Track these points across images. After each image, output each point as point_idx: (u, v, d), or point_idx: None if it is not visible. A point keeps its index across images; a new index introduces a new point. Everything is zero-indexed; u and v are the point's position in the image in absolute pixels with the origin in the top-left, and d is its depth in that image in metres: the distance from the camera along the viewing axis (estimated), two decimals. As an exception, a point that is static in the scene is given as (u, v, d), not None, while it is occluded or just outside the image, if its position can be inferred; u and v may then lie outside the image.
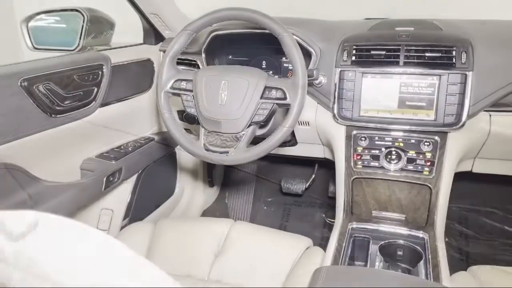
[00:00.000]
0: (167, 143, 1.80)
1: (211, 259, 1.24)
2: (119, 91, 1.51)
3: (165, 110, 1.27)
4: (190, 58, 1.55)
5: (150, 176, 1.71)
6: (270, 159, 1.19)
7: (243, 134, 1.19)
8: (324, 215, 2.14)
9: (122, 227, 1.58)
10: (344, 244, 1.13)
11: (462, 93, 1.20)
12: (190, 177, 2.09)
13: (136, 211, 1.65)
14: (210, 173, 2.20)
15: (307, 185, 2.10)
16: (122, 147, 1.57)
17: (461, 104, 1.20)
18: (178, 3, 1.61)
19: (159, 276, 0.34)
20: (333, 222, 2.08)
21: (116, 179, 1.48)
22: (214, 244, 1.29)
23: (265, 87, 1.16)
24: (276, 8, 1.53)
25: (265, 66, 1.56)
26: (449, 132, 1.24)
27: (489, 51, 1.22)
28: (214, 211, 2.22)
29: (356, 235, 1.19)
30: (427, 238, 1.15)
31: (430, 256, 1.07)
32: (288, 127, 1.13)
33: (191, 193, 2.10)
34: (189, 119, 1.70)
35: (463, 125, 1.21)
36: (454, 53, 1.21)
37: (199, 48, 1.51)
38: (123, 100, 1.54)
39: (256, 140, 1.23)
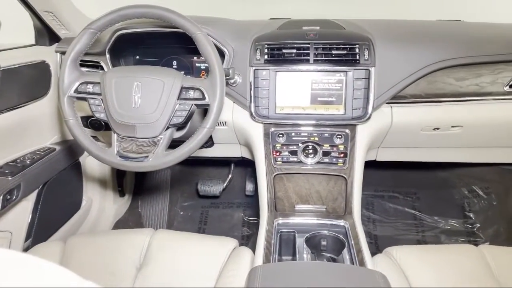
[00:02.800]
0: (70, 153, 1.64)
1: (133, 273, 1.16)
2: (10, 99, 1.33)
3: (70, 117, 1.15)
4: (93, 60, 1.43)
5: (53, 191, 1.55)
6: (184, 162, 1.15)
7: (161, 138, 1.14)
8: (243, 214, 2.14)
9: (24, 250, 1.40)
10: (273, 241, 1.14)
11: (367, 88, 1.29)
12: (98, 188, 1.94)
13: (40, 231, 1.48)
14: (120, 181, 2.06)
15: (224, 185, 2.09)
16: (18, 160, 1.39)
17: (366, 98, 1.29)
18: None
19: None
20: (253, 220, 2.11)
21: (14, 197, 1.30)
22: (134, 256, 1.21)
23: (182, 88, 1.12)
24: (180, 7, 1.49)
25: (176, 66, 1.50)
26: (358, 124, 1.32)
27: (388, 48, 1.33)
28: (127, 221, 2.09)
29: (282, 230, 1.21)
30: (347, 226, 1.21)
31: (353, 243, 1.13)
32: (209, 128, 1.10)
33: (100, 204, 1.95)
34: (95, 125, 1.58)
35: (369, 117, 1.30)
36: (357, 50, 1.29)
37: (103, 48, 1.40)
38: (16, 108, 1.37)
39: (173, 144, 1.18)
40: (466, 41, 1.37)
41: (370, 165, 1.57)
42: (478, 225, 2.00)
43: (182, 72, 1.48)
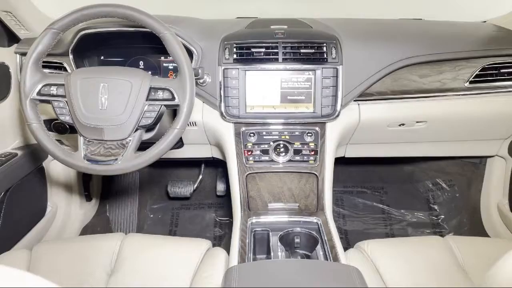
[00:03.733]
0: (33, 158, 1.57)
1: (104, 279, 1.13)
2: (-34, 102, 1.27)
3: (33, 120, 1.10)
4: (55, 61, 1.38)
5: (15, 198, 1.48)
6: (153, 164, 1.12)
7: (130, 140, 1.11)
8: (214, 215, 2.13)
9: (-14, 261, 1.33)
10: (247, 241, 1.14)
11: (335, 86, 1.31)
12: (64, 193, 1.88)
13: (3, 240, 1.41)
14: (86, 186, 2.00)
15: (195, 186, 2.07)
16: (-24, 167, 1.32)
17: (335, 96, 1.31)
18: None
19: None
20: (225, 220, 2.11)
21: (-27, 206, 1.24)
22: (105, 262, 1.17)
23: (151, 88, 1.10)
24: (144, 6, 1.45)
25: (142, 67, 1.47)
26: (327, 122, 1.34)
27: (354, 47, 1.36)
28: (94, 227, 2.03)
29: (256, 229, 1.21)
30: (320, 223, 1.23)
31: (326, 238, 1.14)
32: (179, 129, 1.09)
33: (66, 210, 1.88)
34: (59, 129, 1.52)
35: (338, 115, 1.32)
36: (325, 49, 1.31)
37: (66, 48, 1.36)
38: (-27, 112, 1.30)
39: (142, 146, 1.16)
40: (428, 39, 1.42)
41: (339, 162, 1.59)
42: (443, 216, 2.07)
43: (149, 73, 1.46)
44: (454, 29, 1.52)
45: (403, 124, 1.48)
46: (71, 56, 1.36)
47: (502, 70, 1.41)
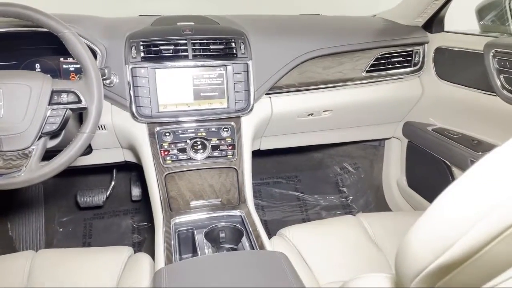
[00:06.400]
0: None
1: (15, 304, 1.03)
2: None
3: None
4: None
5: None
6: (59, 173, 1.05)
7: (33, 149, 1.02)
8: (131, 221, 2.05)
9: None
10: (172, 242, 1.11)
11: (247, 80, 1.34)
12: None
13: None
14: (-21, 205, 1.79)
15: (107, 194, 1.96)
16: None
17: (247, 91, 1.34)
18: None
19: None
20: (144, 225, 2.03)
21: None
22: (15, 284, 1.06)
23: (53, 92, 1.01)
24: (40, 5, 1.34)
25: (40, 70, 1.35)
26: (242, 116, 1.37)
27: (262, 42, 1.40)
28: (-6, 250, 1.82)
29: (180, 229, 1.19)
30: (243, 215, 1.25)
31: (251, 229, 1.17)
32: (89, 133, 1.03)
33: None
34: None
35: (252, 109, 1.36)
36: (233, 44, 1.34)
37: None
38: None
39: (47, 155, 1.07)
40: (327, 33, 1.52)
41: (255, 155, 1.63)
42: (352, 197, 2.24)
43: (49, 76, 1.35)
44: (349, 23, 1.64)
45: (311, 114, 1.57)
46: (-48, 60, 1.20)
47: (393, 59, 1.57)
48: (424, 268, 0.48)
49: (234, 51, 1.33)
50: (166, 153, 1.30)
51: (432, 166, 1.65)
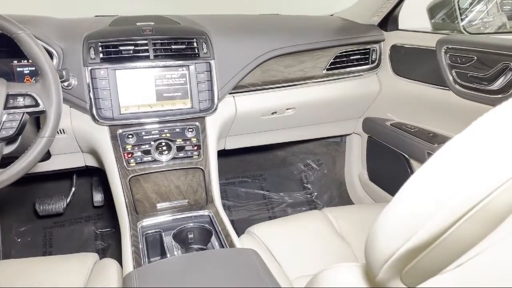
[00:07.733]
0: None
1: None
2: None
3: None
4: None
5: None
6: (15, 181, 1.01)
7: (-12, 155, 0.97)
8: (94, 227, 1.98)
9: None
10: (140, 246, 1.09)
11: (210, 80, 1.34)
12: None
13: None
14: None
15: (67, 200, 1.89)
16: None
17: (211, 90, 1.34)
18: None
19: None
20: (107, 231, 1.97)
21: None
22: None
23: (8, 95, 0.97)
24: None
25: (-10, 73, 1.28)
26: (206, 116, 1.36)
27: (223, 42, 1.40)
28: None
29: (148, 232, 1.17)
30: (211, 215, 1.25)
31: (220, 228, 1.16)
32: (48, 137, 0.98)
33: None
34: None
35: (216, 108, 1.36)
36: (195, 44, 1.33)
37: None
38: None
39: (3, 161, 1.02)
40: (287, 32, 1.54)
41: (220, 155, 1.63)
42: (316, 193, 2.28)
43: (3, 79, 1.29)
44: (308, 22, 1.67)
45: (275, 112, 1.59)
46: None
47: (351, 57, 1.62)
48: (392, 255, 0.49)
49: (196, 50, 1.33)
50: (129, 155, 1.27)
51: (392, 160, 1.71)
